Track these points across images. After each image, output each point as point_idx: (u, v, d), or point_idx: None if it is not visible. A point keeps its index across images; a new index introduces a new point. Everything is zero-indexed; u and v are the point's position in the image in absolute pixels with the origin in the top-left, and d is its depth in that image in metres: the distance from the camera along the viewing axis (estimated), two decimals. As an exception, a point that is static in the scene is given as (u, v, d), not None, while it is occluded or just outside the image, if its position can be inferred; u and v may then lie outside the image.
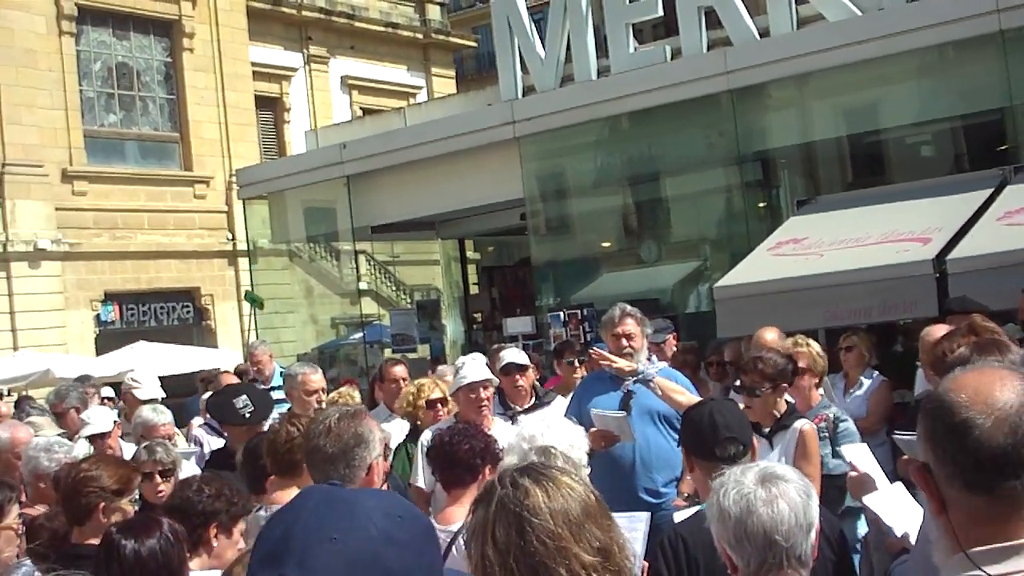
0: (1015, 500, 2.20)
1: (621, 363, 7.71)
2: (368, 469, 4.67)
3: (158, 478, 6.83)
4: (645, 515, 5.50)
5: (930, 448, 2.28)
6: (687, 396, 7.29)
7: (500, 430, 7.17)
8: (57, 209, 28.96)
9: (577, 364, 10.37)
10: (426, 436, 7.12)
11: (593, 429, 7.20)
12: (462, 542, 4.40)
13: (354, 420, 4.73)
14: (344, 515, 1.78)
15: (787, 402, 6.97)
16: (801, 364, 7.51)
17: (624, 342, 7.89)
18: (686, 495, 7.12)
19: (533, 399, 8.71)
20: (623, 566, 2.61)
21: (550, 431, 4.67)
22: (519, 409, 8.39)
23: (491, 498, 2.65)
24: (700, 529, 4.39)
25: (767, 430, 6.58)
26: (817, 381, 7.71)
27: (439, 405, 8.31)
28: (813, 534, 3.27)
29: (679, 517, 5.29)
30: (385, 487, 5.05)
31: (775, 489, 3.26)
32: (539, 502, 2.59)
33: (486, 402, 7.65)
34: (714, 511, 3.35)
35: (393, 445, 7.59)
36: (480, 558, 2.59)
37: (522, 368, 8.66)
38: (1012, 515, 2.21)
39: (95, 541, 4.69)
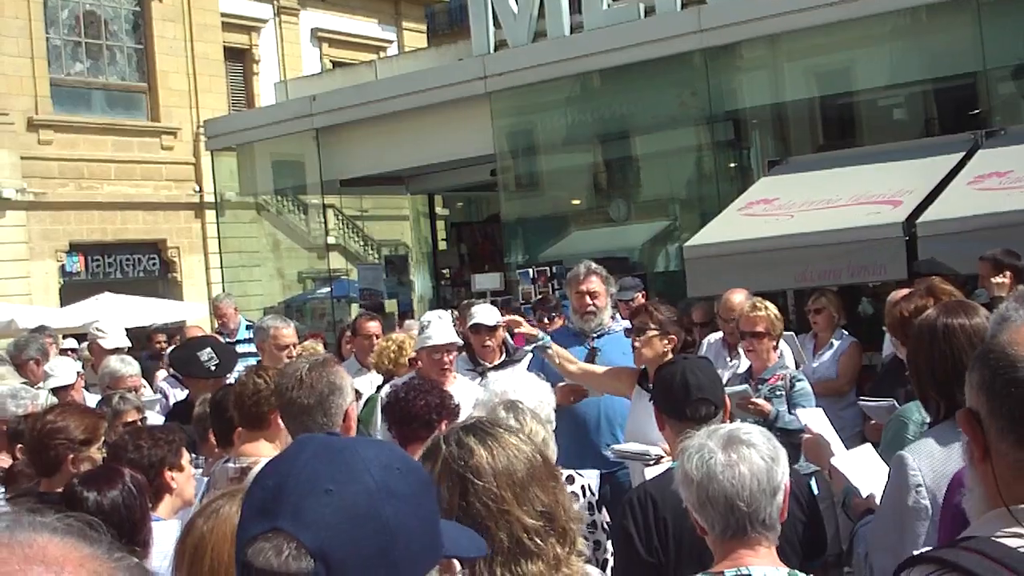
0: None
1: (526, 328, 7.65)
2: (344, 416, 4.65)
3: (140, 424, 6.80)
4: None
5: (985, 399, 2.25)
6: (578, 365, 7.26)
7: (462, 388, 7.13)
8: (22, 158, 28.67)
9: (547, 321, 10.38)
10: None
11: (561, 384, 7.19)
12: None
13: (325, 369, 4.70)
14: (340, 466, 1.74)
15: None
16: (759, 328, 7.55)
17: (588, 300, 7.89)
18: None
19: (503, 356, 8.67)
20: (568, 528, 2.59)
21: (520, 387, 4.65)
22: (488, 366, 8.35)
23: (436, 456, 2.63)
24: (670, 488, 4.39)
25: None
26: (775, 343, 7.71)
27: (419, 363, 8.29)
28: (779, 497, 3.26)
29: (650, 473, 5.27)
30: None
31: (736, 454, 3.25)
32: (483, 462, 2.57)
33: (448, 364, 7.62)
34: (679, 475, 3.35)
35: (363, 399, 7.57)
36: None
37: (491, 329, 8.62)
38: None
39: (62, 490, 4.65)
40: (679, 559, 4.16)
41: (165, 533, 4.47)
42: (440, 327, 7.68)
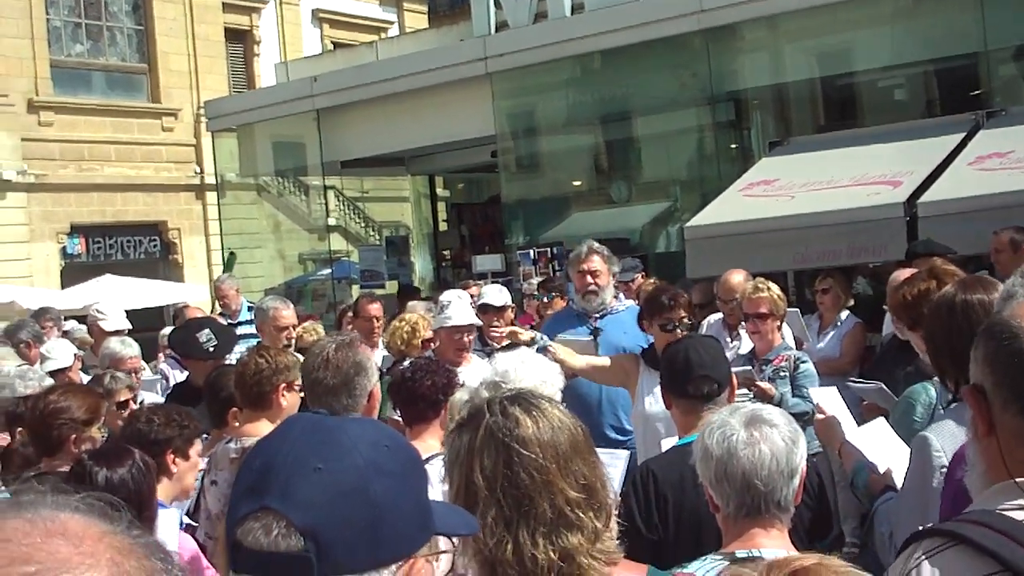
0: None
1: (524, 335, 7.56)
2: (369, 396, 4.64)
3: (133, 405, 6.83)
4: (625, 453, 5.51)
5: (989, 371, 2.27)
6: (584, 360, 7.14)
7: (477, 368, 7.16)
8: (23, 140, 28.62)
9: (547, 300, 10.45)
10: None
11: (561, 358, 7.21)
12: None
13: (351, 349, 4.68)
14: (329, 444, 1.74)
15: None
16: (763, 309, 7.56)
17: (589, 279, 7.90)
18: None
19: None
20: (604, 503, 2.58)
21: (524, 366, 4.64)
22: (497, 347, 8.40)
23: (479, 424, 2.60)
24: (671, 465, 4.39)
25: None
26: (778, 324, 7.73)
27: (432, 344, 8.36)
28: (796, 480, 3.29)
29: (666, 445, 5.25)
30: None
31: (758, 433, 3.28)
32: (529, 432, 2.55)
33: (467, 345, 7.70)
34: (699, 450, 3.37)
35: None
36: (464, 485, 2.55)
37: (500, 310, 8.67)
38: None
39: (65, 469, 4.66)
40: (678, 536, 4.20)
41: (165, 520, 4.49)
42: (460, 307, 7.79)
